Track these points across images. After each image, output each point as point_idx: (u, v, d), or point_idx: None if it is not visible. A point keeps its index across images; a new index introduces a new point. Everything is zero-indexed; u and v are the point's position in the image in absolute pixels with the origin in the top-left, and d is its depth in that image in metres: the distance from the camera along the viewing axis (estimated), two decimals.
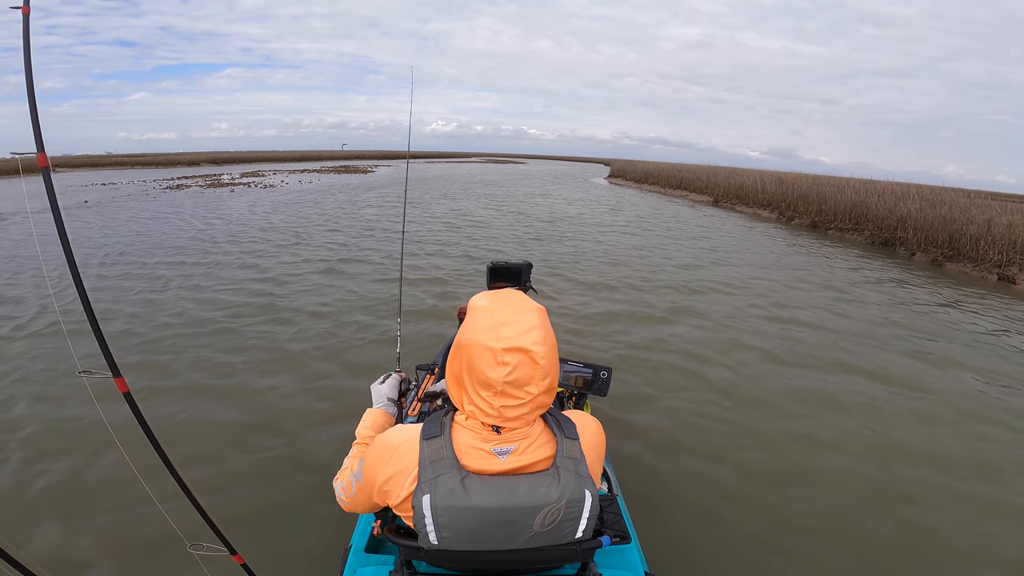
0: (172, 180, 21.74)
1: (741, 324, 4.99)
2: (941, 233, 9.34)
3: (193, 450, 2.66)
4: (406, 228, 3.40)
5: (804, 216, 13.27)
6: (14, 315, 4.66)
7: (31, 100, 1.05)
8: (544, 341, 0.88)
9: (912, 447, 2.95)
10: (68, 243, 1.15)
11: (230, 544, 1.48)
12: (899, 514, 2.39)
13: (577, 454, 0.90)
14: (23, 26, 1.04)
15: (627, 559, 1.20)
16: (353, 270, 6.62)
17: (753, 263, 8.03)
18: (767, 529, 2.27)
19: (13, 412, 3.02)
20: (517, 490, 0.86)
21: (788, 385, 3.67)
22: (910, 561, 2.13)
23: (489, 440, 0.89)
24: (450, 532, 0.86)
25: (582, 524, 0.89)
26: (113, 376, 1.23)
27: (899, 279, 7.48)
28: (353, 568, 1.16)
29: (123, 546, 2.05)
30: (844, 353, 4.30)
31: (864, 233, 11.06)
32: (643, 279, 6.68)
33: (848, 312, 5.54)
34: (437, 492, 0.84)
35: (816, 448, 2.91)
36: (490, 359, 0.86)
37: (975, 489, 2.58)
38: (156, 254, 7.28)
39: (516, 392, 0.86)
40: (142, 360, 3.74)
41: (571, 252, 8.24)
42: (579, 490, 0.87)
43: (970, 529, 2.32)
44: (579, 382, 1.53)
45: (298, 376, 3.57)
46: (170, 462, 1.35)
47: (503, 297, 0.96)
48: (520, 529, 0.87)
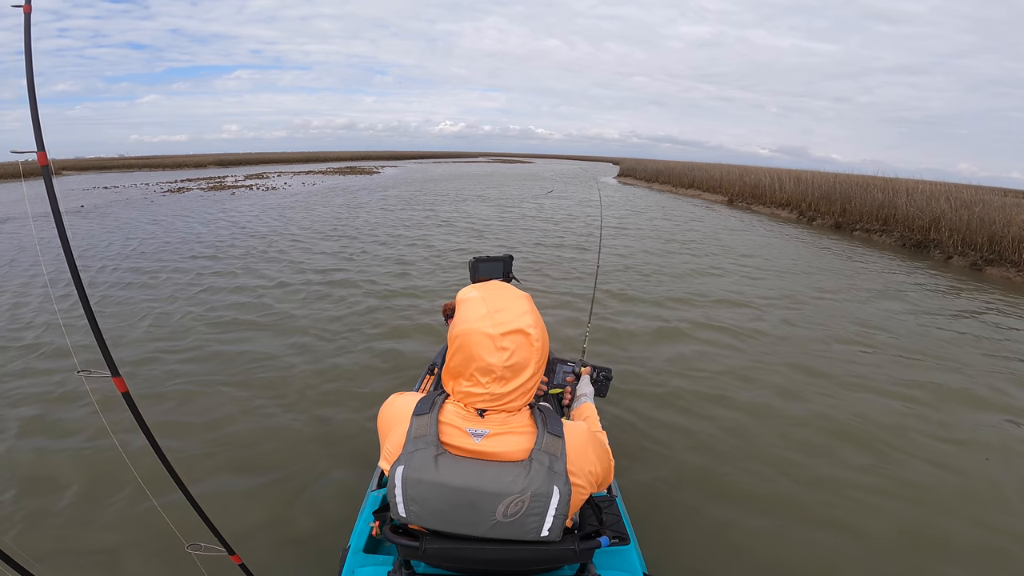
0: (175, 183, 21.46)
1: (821, 348, 4.46)
2: (979, 235, 8.71)
3: (191, 449, 2.65)
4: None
5: (826, 216, 12.63)
6: (15, 316, 4.66)
7: (31, 97, 1.07)
8: (536, 324, 0.91)
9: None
10: (68, 244, 1.18)
11: (228, 544, 1.49)
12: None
13: (557, 451, 0.89)
14: (24, 24, 1.07)
15: (626, 560, 1.20)
16: (340, 292, 6.15)
17: (820, 287, 7.45)
18: (767, 529, 2.23)
19: (11, 411, 3.00)
20: (484, 474, 0.86)
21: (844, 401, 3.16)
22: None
23: (469, 420, 0.91)
24: (416, 506, 0.88)
25: (547, 521, 0.87)
26: (112, 376, 1.24)
27: (949, 286, 6.88)
28: (352, 568, 1.17)
29: (120, 544, 2.03)
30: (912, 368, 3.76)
31: (893, 235, 10.42)
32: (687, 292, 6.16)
33: (914, 327, 4.98)
34: (411, 465, 0.87)
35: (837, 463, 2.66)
36: (489, 345, 0.88)
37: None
38: (138, 270, 6.85)
39: (515, 375, 0.89)
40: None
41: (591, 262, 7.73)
42: (547, 485, 0.86)
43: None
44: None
45: (295, 376, 3.56)
46: (168, 461, 1.36)
47: (492, 287, 0.99)
48: (483, 515, 0.86)
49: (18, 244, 8.20)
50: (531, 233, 9.94)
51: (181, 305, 5.09)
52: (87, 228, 9.80)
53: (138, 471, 1.52)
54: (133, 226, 10.05)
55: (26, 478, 2.44)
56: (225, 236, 8.98)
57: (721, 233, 10.80)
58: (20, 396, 3.20)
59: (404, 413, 0.94)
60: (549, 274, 6.71)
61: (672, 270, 7.17)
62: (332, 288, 5.81)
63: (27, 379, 3.42)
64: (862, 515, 2.32)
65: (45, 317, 4.55)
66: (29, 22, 1.07)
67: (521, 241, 9.10)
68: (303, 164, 45.92)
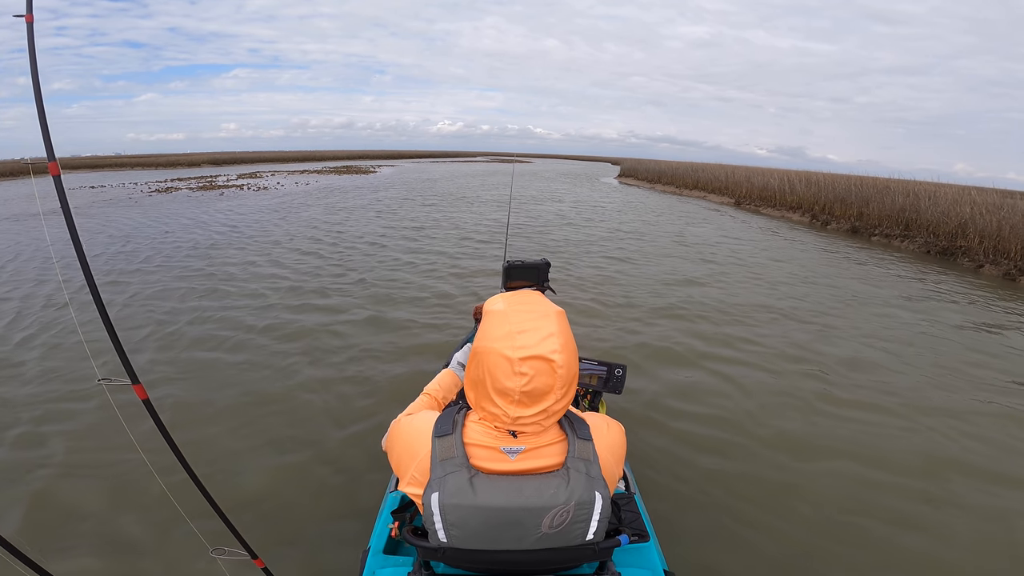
0: (164, 183, 20.77)
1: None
2: (1012, 242, 8.16)
3: (213, 455, 2.65)
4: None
5: (841, 220, 12.07)
6: (34, 322, 4.55)
7: (40, 109, 1.04)
8: (563, 348, 0.86)
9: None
10: (82, 249, 1.17)
11: (251, 548, 1.51)
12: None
13: (590, 455, 0.88)
14: (28, 35, 1.04)
15: (646, 558, 1.17)
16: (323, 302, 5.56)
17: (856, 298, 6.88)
18: (788, 528, 2.22)
19: (34, 423, 2.94)
20: (524, 491, 0.84)
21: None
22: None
23: (501, 440, 0.88)
24: (458, 530, 0.86)
25: (592, 526, 0.87)
26: (132, 383, 1.24)
27: (984, 298, 6.32)
28: (372, 569, 1.16)
29: (145, 551, 2.03)
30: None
31: (916, 240, 9.87)
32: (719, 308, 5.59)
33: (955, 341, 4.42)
34: (445, 490, 0.84)
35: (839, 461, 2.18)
36: (507, 368, 0.84)
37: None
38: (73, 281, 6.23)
39: (534, 403, 0.85)
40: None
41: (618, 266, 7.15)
42: (589, 492, 0.85)
43: None
44: (594, 380, 1.49)
45: (317, 382, 3.51)
46: (191, 467, 1.37)
47: (520, 301, 0.94)
48: (528, 530, 0.85)
49: (17, 244, 8.06)
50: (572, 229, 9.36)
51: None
52: (57, 232, 9.18)
53: (161, 477, 1.55)
54: (104, 229, 9.43)
55: (47, 486, 2.42)
56: (196, 241, 8.38)
57: (762, 256, 10.25)
58: (40, 404, 3.15)
59: (423, 435, 0.91)
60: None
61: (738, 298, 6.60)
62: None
63: (47, 388, 3.35)
64: (892, 521, 2.27)
65: (54, 323, 4.46)
66: (32, 33, 1.04)
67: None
68: (299, 163, 45.15)
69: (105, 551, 2.02)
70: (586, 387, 1.51)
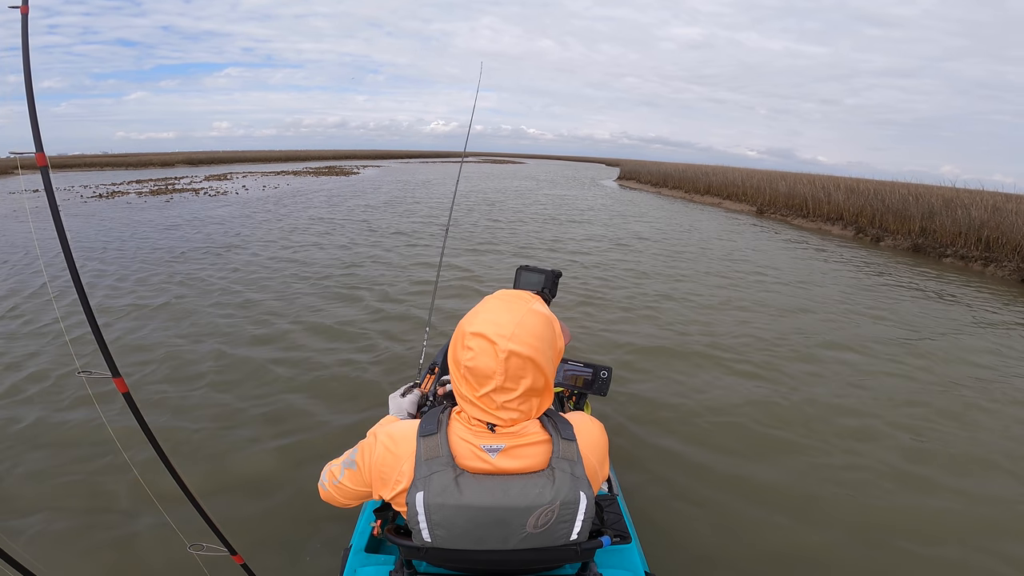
0: (115, 186, 18.48)
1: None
2: None
3: (192, 449, 2.61)
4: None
5: (898, 236, 10.17)
6: (13, 315, 4.41)
7: (30, 101, 1.05)
8: (516, 339, 0.83)
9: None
10: (67, 242, 1.15)
11: (230, 544, 1.48)
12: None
13: (574, 455, 0.87)
14: (22, 26, 1.04)
15: (627, 559, 1.17)
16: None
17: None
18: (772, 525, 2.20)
19: (12, 412, 2.91)
20: (510, 491, 0.84)
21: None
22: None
23: (481, 436, 0.87)
24: (443, 530, 0.85)
25: (577, 526, 0.87)
26: (112, 376, 1.23)
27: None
28: (353, 568, 1.14)
29: (122, 545, 1.99)
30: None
31: (1006, 266, 7.97)
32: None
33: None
34: (430, 490, 0.83)
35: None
36: (460, 340, 0.87)
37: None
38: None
39: (480, 384, 0.84)
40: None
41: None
42: (574, 492, 0.85)
43: None
44: (579, 381, 1.47)
45: (296, 372, 3.41)
46: (170, 462, 1.35)
47: (507, 294, 0.94)
48: (513, 530, 0.85)
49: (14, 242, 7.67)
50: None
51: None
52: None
53: (139, 471, 1.53)
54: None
55: (22, 478, 2.37)
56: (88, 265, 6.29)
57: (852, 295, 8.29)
58: (18, 395, 3.09)
59: (407, 437, 0.89)
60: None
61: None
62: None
63: (26, 379, 3.25)
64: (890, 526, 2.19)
65: (49, 315, 4.29)
66: (27, 23, 1.05)
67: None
68: (281, 163, 42.79)
69: (80, 545, 1.98)
70: (571, 388, 1.46)
